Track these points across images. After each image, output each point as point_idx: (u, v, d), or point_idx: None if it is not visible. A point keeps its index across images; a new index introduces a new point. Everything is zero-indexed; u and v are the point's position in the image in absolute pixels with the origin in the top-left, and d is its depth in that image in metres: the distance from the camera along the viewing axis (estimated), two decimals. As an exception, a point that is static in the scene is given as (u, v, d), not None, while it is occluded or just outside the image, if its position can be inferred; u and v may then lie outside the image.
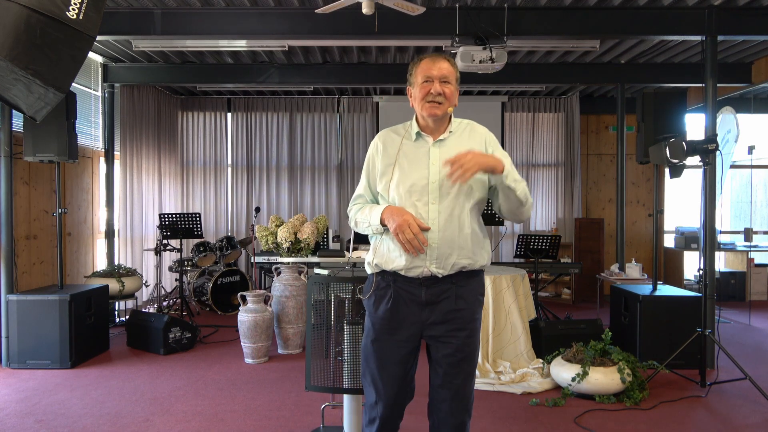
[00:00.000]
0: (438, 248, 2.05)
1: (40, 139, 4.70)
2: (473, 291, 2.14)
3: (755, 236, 7.80)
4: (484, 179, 2.11)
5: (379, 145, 2.20)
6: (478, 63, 4.89)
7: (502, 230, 8.21)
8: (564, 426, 3.44)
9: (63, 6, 2.25)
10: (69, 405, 3.76)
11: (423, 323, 2.11)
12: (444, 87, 2.09)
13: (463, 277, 2.11)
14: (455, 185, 2.04)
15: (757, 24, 4.88)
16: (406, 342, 2.14)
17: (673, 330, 4.57)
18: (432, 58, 2.13)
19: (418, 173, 2.09)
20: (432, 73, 2.10)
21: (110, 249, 6.65)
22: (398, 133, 2.20)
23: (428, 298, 2.09)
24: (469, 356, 2.13)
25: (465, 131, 2.20)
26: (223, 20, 5.00)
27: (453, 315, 2.10)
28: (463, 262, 2.08)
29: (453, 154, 2.01)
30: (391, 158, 2.15)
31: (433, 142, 2.14)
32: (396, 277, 2.11)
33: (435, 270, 2.06)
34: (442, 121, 2.15)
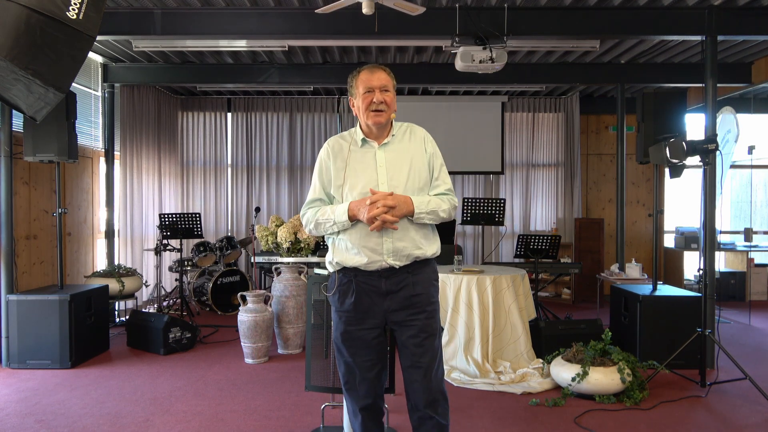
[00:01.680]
0: (393, 242, 2.27)
1: (40, 139, 4.70)
2: (428, 277, 2.36)
3: (755, 236, 7.80)
4: (427, 178, 2.37)
5: (330, 152, 2.40)
6: (478, 63, 4.89)
7: (502, 230, 8.21)
8: (564, 426, 3.44)
9: (63, 6, 2.25)
10: (69, 405, 3.76)
11: (386, 311, 2.32)
12: (384, 96, 2.31)
13: (418, 266, 2.33)
14: (403, 186, 2.30)
15: (757, 24, 4.88)
16: (372, 329, 2.34)
17: (673, 330, 4.57)
18: (370, 69, 2.35)
19: (367, 177, 2.32)
20: (372, 84, 2.31)
21: (110, 249, 6.65)
22: (345, 140, 2.41)
23: (388, 288, 2.30)
24: (432, 335, 2.33)
25: (406, 134, 2.42)
26: (223, 20, 5.00)
27: (411, 300, 2.31)
28: (416, 253, 2.31)
29: (397, 156, 2.34)
30: (341, 163, 2.36)
31: (378, 147, 2.36)
32: (356, 272, 2.32)
33: (392, 262, 2.28)
34: (385, 127, 2.37)
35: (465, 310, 4.52)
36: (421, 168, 2.35)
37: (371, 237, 2.27)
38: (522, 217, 8.56)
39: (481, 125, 8.31)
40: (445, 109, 8.25)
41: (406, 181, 2.30)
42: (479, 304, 4.48)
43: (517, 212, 8.56)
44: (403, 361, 2.34)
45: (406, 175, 2.32)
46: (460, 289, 4.57)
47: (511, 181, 8.53)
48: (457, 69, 5.10)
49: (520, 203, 8.55)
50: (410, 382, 2.32)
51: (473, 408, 3.73)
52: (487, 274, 4.65)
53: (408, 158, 2.35)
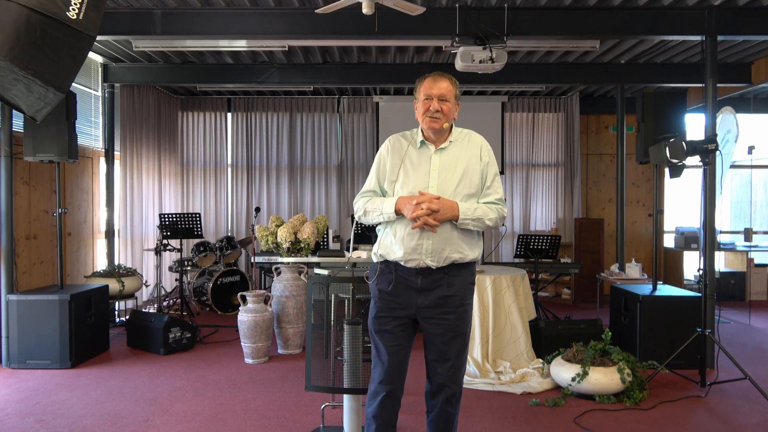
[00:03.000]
0: (433, 244, 2.35)
1: (40, 139, 4.70)
2: (464, 280, 2.44)
3: (755, 236, 7.80)
4: (478, 186, 2.44)
5: (390, 147, 2.52)
6: (478, 63, 4.88)
7: (502, 230, 8.21)
8: (564, 426, 3.44)
9: (63, 6, 2.25)
10: (69, 405, 3.76)
11: (418, 306, 2.41)
12: (442, 105, 2.41)
13: (455, 268, 2.40)
14: (452, 191, 2.38)
15: (757, 24, 4.88)
16: (400, 319, 2.44)
17: (673, 330, 4.57)
18: (434, 78, 2.45)
19: (419, 178, 2.42)
20: (432, 92, 2.42)
21: (110, 249, 6.65)
22: (406, 139, 2.52)
23: (423, 285, 2.39)
24: (460, 335, 2.42)
25: (464, 141, 2.50)
26: (223, 20, 5.00)
27: (444, 300, 2.39)
28: (455, 257, 2.38)
29: (451, 161, 2.43)
30: (397, 160, 2.46)
31: (434, 150, 2.45)
32: (397, 266, 2.42)
33: (429, 263, 2.36)
34: (441, 132, 2.45)
35: (465, 310, 4.52)
36: (473, 175, 2.43)
37: (413, 236, 2.35)
38: (522, 217, 8.56)
39: (481, 125, 8.30)
40: (445, 109, 8.23)
41: (455, 187, 2.39)
42: (479, 304, 4.48)
43: (517, 212, 8.56)
44: (429, 354, 2.47)
45: (457, 180, 2.41)
46: (460, 289, 4.56)
47: (511, 181, 8.53)
48: (457, 69, 5.09)
49: (520, 203, 8.55)
50: (433, 375, 2.46)
51: (473, 408, 3.73)
52: (487, 274, 4.65)
53: (462, 164, 2.44)
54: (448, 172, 2.41)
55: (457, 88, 2.48)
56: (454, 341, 2.40)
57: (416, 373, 4.46)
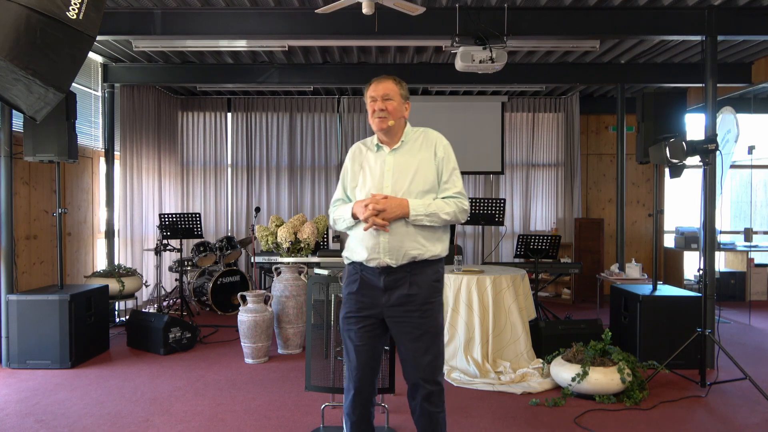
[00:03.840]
0: (389, 242, 2.40)
1: (40, 139, 4.69)
2: (427, 278, 2.46)
3: (755, 236, 7.80)
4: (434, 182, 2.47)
5: (351, 155, 2.62)
6: (478, 63, 4.88)
7: (502, 230, 8.21)
8: (564, 426, 3.44)
9: (63, 6, 2.25)
10: (69, 405, 3.76)
11: (383, 306, 2.45)
12: (386, 104, 2.47)
13: (417, 266, 2.44)
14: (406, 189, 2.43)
15: (757, 24, 4.88)
16: (367, 318, 2.49)
17: (673, 330, 4.57)
18: (377, 80, 2.53)
19: (375, 180, 2.49)
20: (375, 93, 2.50)
21: (110, 249, 6.65)
22: (366, 145, 2.61)
23: (386, 285, 2.44)
24: (426, 333, 2.43)
25: (418, 139, 2.55)
26: (223, 20, 5.00)
27: (407, 299, 2.43)
28: (413, 253, 2.42)
29: (405, 160, 2.48)
30: (358, 167, 2.57)
31: (388, 152, 2.52)
32: (362, 267, 2.49)
33: (389, 261, 2.41)
34: (392, 132, 2.51)
35: (465, 310, 4.53)
36: (427, 172, 2.47)
37: (371, 236, 2.42)
38: (522, 217, 8.56)
39: (481, 125, 8.31)
40: (445, 109, 8.24)
41: (409, 185, 2.43)
42: (479, 304, 4.49)
43: (517, 212, 8.55)
44: (400, 354, 2.51)
45: (410, 178, 2.45)
46: (460, 289, 4.57)
47: (511, 181, 8.53)
48: (457, 69, 5.10)
49: (520, 203, 8.55)
50: (406, 374, 2.49)
51: (473, 408, 3.73)
52: (487, 274, 4.65)
53: (415, 162, 2.48)
54: (401, 171, 2.46)
55: (402, 87, 2.53)
56: (421, 339, 2.42)
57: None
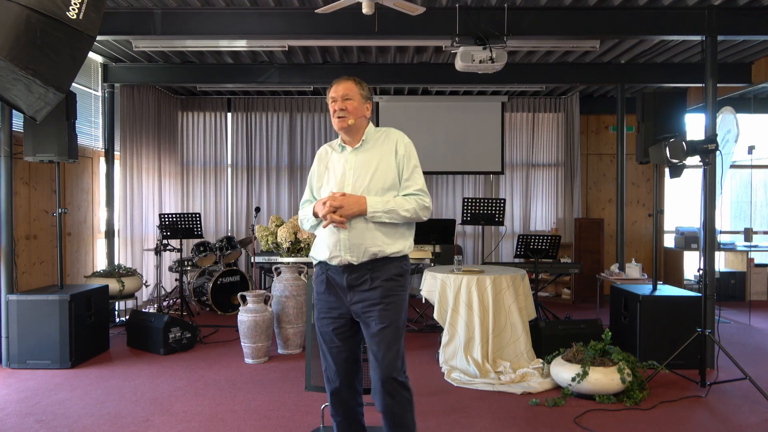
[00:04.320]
0: (350, 239, 2.43)
1: (40, 139, 4.70)
2: (388, 273, 2.48)
3: (755, 236, 7.80)
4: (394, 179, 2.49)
5: (318, 157, 2.69)
6: (478, 63, 4.88)
7: (502, 230, 8.21)
8: (564, 426, 3.44)
9: (63, 6, 2.25)
10: (69, 405, 3.76)
11: (348, 304, 2.50)
12: (345, 103, 2.51)
13: (379, 262, 2.47)
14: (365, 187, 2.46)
15: (757, 24, 4.88)
16: (338, 319, 2.53)
17: (673, 330, 4.57)
18: (337, 81, 2.57)
19: (337, 179, 2.53)
20: (335, 94, 2.53)
21: (110, 249, 6.65)
22: (331, 146, 2.67)
23: (349, 282, 2.47)
24: (387, 326, 2.43)
25: (380, 138, 2.59)
26: (223, 20, 5.00)
27: (368, 294, 2.46)
28: (373, 250, 2.44)
29: (366, 159, 2.51)
30: (323, 167, 2.63)
31: (350, 151, 2.56)
32: (327, 266, 2.53)
33: (350, 258, 2.44)
34: (353, 132, 2.55)
35: (465, 310, 4.52)
36: (387, 170, 2.50)
37: (332, 234, 2.46)
38: (522, 217, 8.56)
39: (481, 125, 8.31)
40: (445, 109, 8.24)
41: (369, 183, 2.47)
42: (479, 304, 4.48)
43: (517, 212, 8.55)
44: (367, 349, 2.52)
45: (370, 176, 2.48)
46: (460, 289, 4.57)
47: (511, 181, 8.53)
48: (457, 69, 5.10)
49: (520, 203, 8.55)
50: (372, 365, 2.47)
51: (473, 408, 3.73)
52: (487, 274, 4.65)
53: (375, 161, 2.51)
54: (362, 169, 2.50)
55: (363, 88, 2.57)
56: (383, 332, 2.42)
57: (416, 373, 4.47)
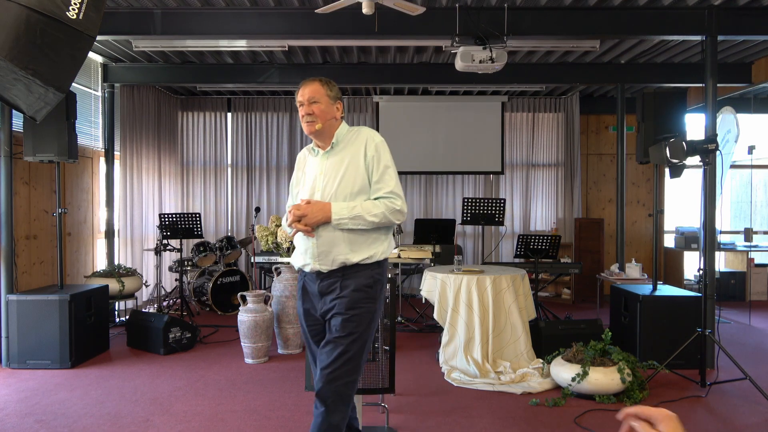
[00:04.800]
0: (318, 247, 2.39)
1: (40, 139, 4.69)
2: (357, 283, 2.40)
3: (755, 236, 7.80)
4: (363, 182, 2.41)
5: (297, 161, 2.65)
6: (478, 63, 4.88)
7: (502, 230, 8.21)
8: (564, 426, 3.44)
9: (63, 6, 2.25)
10: (69, 405, 3.76)
11: (320, 310, 2.47)
12: (312, 107, 2.42)
13: (349, 270, 2.40)
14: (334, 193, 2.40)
15: (757, 24, 4.88)
16: (315, 325, 2.53)
17: (673, 330, 4.57)
18: (304, 84, 2.47)
19: (309, 185, 2.49)
20: (302, 98, 2.45)
21: (110, 249, 6.65)
22: (309, 150, 2.61)
23: (321, 290, 2.45)
24: (347, 337, 2.35)
25: (351, 139, 2.50)
26: (223, 20, 5.00)
27: (336, 302, 2.41)
28: (341, 259, 2.38)
29: (335, 162, 2.43)
30: (300, 172, 2.60)
31: (322, 155, 2.50)
32: (303, 273, 2.53)
33: (319, 267, 2.41)
34: (323, 135, 2.48)
35: (465, 310, 4.52)
36: (355, 173, 2.41)
37: (303, 242, 2.44)
38: (522, 217, 8.55)
39: (481, 125, 8.31)
40: (445, 109, 8.24)
41: (336, 188, 2.40)
42: (479, 304, 4.48)
43: (517, 212, 8.55)
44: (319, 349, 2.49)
45: (337, 181, 2.41)
46: (460, 289, 4.57)
47: (511, 181, 8.53)
48: (457, 69, 5.09)
49: (520, 203, 8.55)
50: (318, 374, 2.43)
51: (473, 408, 3.73)
52: (487, 274, 4.65)
53: (345, 164, 2.43)
54: (330, 174, 2.43)
55: (330, 88, 2.46)
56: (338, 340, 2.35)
57: (416, 373, 4.47)
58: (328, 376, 2.35)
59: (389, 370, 3.34)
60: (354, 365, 2.38)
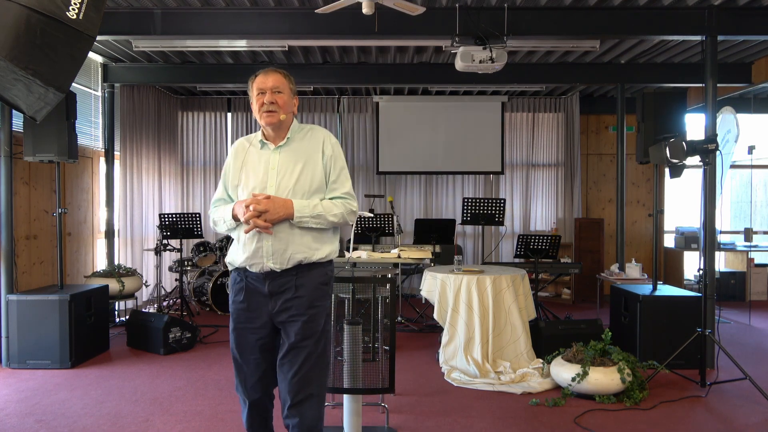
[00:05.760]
0: (273, 245, 2.27)
1: (40, 139, 4.70)
2: (312, 281, 2.34)
3: (755, 236, 7.80)
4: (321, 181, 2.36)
5: (234, 152, 2.45)
6: (478, 63, 4.88)
7: (502, 230, 8.21)
8: (564, 426, 3.44)
9: (63, 6, 2.25)
10: (69, 405, 3.76)
11: (270, 313, 2.33)
12: (276, 96, 2.32)
13: (303, 269, 2.32)
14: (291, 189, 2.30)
15: (757, 24, 4.88)
16: (260, 329, 2.35)
17: (673, 330, 4.57)
18: (265, 72, 2.37)
19: (258, 179, 2.34)
20: (265, 86, 2.33)
21: (110, 249, 6.65)
22: (248, 141, 2.45)
23: (271, 290, 2.31)
24: (310, 338, 2.30)
25: (305, 136, 2.42)
26: (223, 20, 5.00)
27: (292, 303, 2.30)
28: (299, 257, 2.29)
29: (290, 158, 2.34)
30: (239, 164, 2.40)
31: (273, 149, 2.37)
32: (246, 273, 2.35)
33: (272, 265, 2.28)
34: (280, 128, 2.38)
35: (465, 310, 4.53)
36: (314, 171, 2.35)
37: (253, 239, 2.28)
38: (522, 217, 8.56)
39: (481, 125, 8.31)
40: (445, 109, 8.24)
41: (294, 184, 2.31)
42: (479, 304, 4.48)
43: (517, 212, 8.55)
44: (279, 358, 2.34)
45: (295, 178, 2.32)
46: (460, 289, 4.57)
47: (511, 181, 8.53)
48: (457, 69, 5.09)
49: (520, 203, 8.55)
50: (281, 380, 2.34)
51: (473, 408, 3.73)
52: (487, 274, 4.65)
53: (302, 161, 2.35)
54: (286, 169, 2.33)
55: (291, 82, 2.41)
56: (303, 343, 2.29)
57: (416, 373, 4.47)
58: (299, 383, 2.28)
59: (389, 370, 3.34)
60: (323, 363, 2.36)
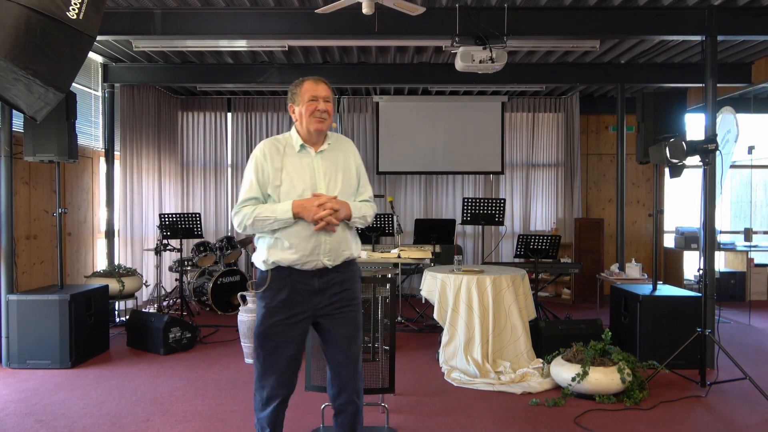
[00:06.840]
0: (331, 243, 2.42)
1: (40, 139, 4.70)
2: (354, 275, 2.57)
3: (755, 236, 7.80)
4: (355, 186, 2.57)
5: (267, 153, 2.48)
6: (478, 63, 4.88)
7: (502, 230, 8.21)
8: (564, 426, 3.44)
9: (63, 6, 2.25)
10: (69, 405, 3.76)
11: (315, 308, 2.46)
12: (327, 105, 2.48)
13: (345, 265, 2.52)
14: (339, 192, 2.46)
15: (757, 24, 4.88)
16: (300, 323, 2.46)
17: (673, 330, 4.57)
18: (315, 80, 2.51)
19: (307, 181, 2.45)
20: (318, 93, 2.47)
21: (110, 249, 6.64)
22: (280, 143, 2.52)
23: (320, 286, 2.45)
24: (358, 328, 2.56)
25: (338, 144, 2.60)
26: (223, 20, 5.00)
27: (340, 296, 2.49)
28: (347, 254, 2.50)
29: (332, 163, 2.50)
30: (278, 164, 2.47)
31: (315, 153, 2.51)
32: (291, 271, 2.43)
33: (327, 262, 2.44)
34: (323, 135, 2.53)
35: (465, 310, 4.53)
36: (351, 176, 2.57)
37: (311, 237, 2.40)
38: (522, 217, 8.56)
39: (481, 125, 8.31)
40: (445, 109, 8.24)
41: (340, 187, 2.50)
42: (479, 304, 4.49)
43: (517, 212, 8.55)
44: (330, 351, 2.53)
45: (341, 181, 2.51)
46: (460, 289, 4.57)
47: (511, 181, 8.53)
48: (457, 69, 5.09)
49: (520, 203, 8.55)
50: (340, 369, 2.51)
51: (473, 408, 3.73)
52: (487, 274, 4.65)
53: (341, 166, 2.55)
54: (331, 174, 2.50)
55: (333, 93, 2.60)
56: (355, 336, 2.52)
57: (416, 373, 4.47)
58: (355, 366, 2.52)
59: (389, 370, 3.34)
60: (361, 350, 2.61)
